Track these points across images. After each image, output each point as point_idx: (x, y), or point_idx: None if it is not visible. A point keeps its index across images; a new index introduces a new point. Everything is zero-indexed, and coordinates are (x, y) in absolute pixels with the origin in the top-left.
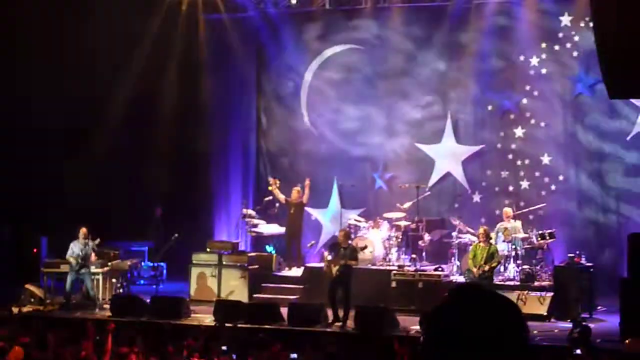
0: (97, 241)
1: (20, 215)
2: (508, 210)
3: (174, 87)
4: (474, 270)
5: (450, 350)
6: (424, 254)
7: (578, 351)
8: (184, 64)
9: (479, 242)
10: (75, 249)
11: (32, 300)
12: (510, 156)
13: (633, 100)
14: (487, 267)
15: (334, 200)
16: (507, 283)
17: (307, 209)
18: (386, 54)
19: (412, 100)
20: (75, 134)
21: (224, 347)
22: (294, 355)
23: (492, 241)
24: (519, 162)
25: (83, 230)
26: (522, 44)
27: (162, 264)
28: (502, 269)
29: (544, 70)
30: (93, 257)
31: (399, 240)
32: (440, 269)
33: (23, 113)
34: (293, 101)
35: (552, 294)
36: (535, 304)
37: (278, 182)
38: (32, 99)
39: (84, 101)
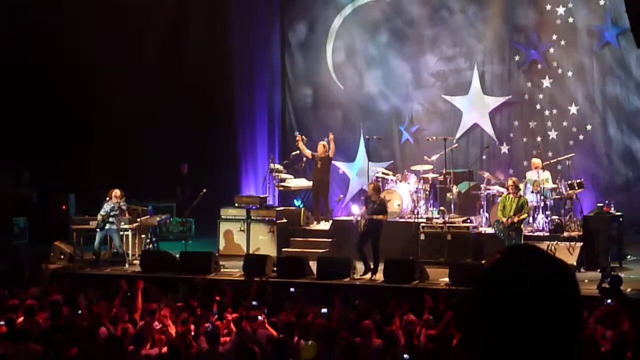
0: (124, 199)
1: (49, 173)
2: (536, 161)
3: (200, 42)
4: (503, 220)
5: (501, 310)
6: (452, 206)
7: (609, 301)
8: (209, 17)
9: (509, 193)
10: (107, 207)
11: (62, 257)
12: (537, 106)
13: None
14: (516, 219)
15: (361, 153)
16: (536, 234)
17: (334, 162)
18: (412, 5)
19: (439, 52)
20: (103, 91)
21: (254, 302)
22: (325, 310)
23: (521, 192)
24: (546, 113)
25: (116, 192)
26: None
27: (190, 219)
28: (531, 219)
29: (570, 20)
30: (126, 214)
31: (427, 192)
32: (468, 221)
33: (53, 71)
34: (319, 54)
35: (581, 244)
36: (565, 254)
37: (304, 138)
38: (62, 59)
39: (109, 57)
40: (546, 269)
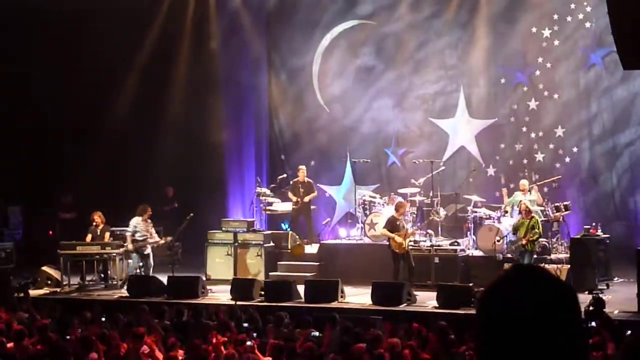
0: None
1: (33, 198)
2: (524, 183)
3: (186, 66)
4: (522, 241)
5: (502, 329)
6: (439, 229)
7: (593, 323)
8: (196, 41)
9: (522, 216)
10: (138, 228)
11: (49, 282)
12: (524, 129)
13: None
14: (524, 241)
15: (348, 176)
16: None
17: (320, 185)
18: (398, 28)
19: (425, 75)
20: (88, 116)
21: (245, 324)
22: (316, 333)
23: (534, 214)
24: (532, 135)
25: (148, 208)
26: (534, 16)
27: (177, 243)
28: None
29: (556, 42)
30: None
31: (414, 215)
32: (455, 244)
33: (34, 93)
34: (305, 78)
35: (568, 266)
36: None
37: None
38: (42, 79)
39: (95, 82)
40: (549, 289)
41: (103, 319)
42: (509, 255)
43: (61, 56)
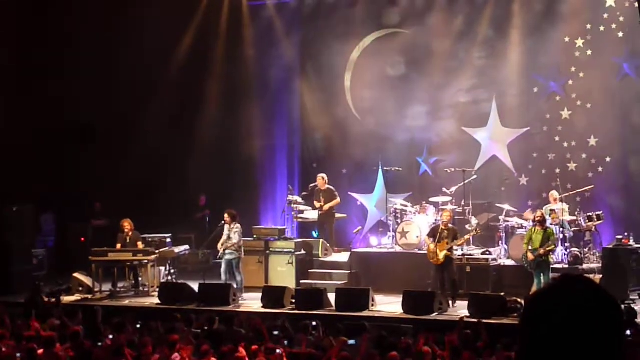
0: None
1: (67, 204)
2: (554, 194)
3: (219, 74)
4: (529, 255)
5: (546, 338)
6: (471, 238)
7: (627, 332)
8: (229, 45)
9: (535, 225)
10: (230, 233)
11: (81, 289)
12: (556, 138)
13: None
14: (542, 251)
15: (380, 185)
16: (555, 266)
17: (352, 194)
18: (430, 37)
19: (457, 84)
20: (122, 126)
21: (275, 332)
22: (352, 341)
23: (549, 224)
24: (565, 144)
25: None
26: (567, 26)
27: (208, 251)
28: None
29: (589, 52)
30: (236, 239)
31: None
32: (487, 253)
33: (70, 102)
34: (337, 86)
35: (600, 276)
36: None
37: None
38: (78, 88)
39: (129, 92)
40: (594, 299)
41: (138, 326)
42: (528, 268)
43: (96, 66)
